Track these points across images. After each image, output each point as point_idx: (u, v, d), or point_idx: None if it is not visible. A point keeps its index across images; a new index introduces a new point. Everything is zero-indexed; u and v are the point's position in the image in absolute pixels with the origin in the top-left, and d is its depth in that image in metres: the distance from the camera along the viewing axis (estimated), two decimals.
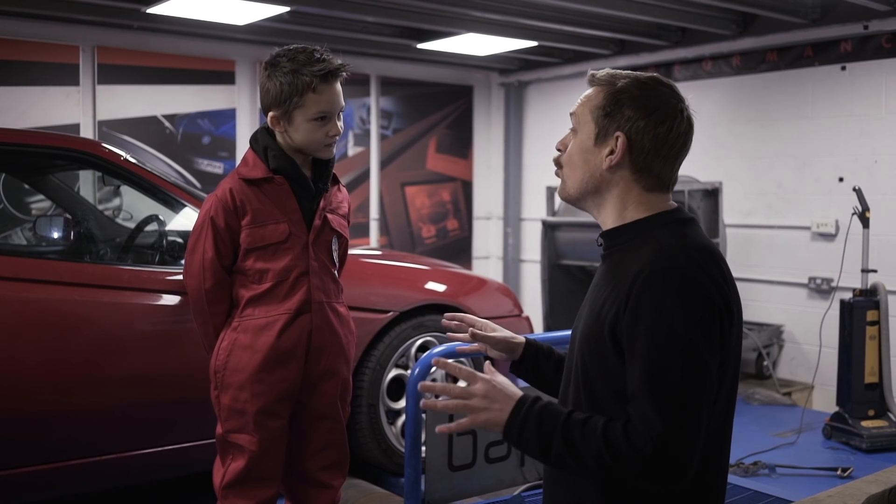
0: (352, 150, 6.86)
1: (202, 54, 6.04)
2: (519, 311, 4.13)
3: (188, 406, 3.08)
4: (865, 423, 4.46)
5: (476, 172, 7.67)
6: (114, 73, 5.70)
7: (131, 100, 5.78)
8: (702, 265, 1.53)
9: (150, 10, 5.08)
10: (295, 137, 2.45)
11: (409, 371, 3.52)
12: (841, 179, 5.40)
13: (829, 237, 5.45)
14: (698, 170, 5.71)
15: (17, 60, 5.36)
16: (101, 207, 4.93)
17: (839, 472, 4.01)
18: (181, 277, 2.85)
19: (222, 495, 2.51)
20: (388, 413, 3.61)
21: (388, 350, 3.55)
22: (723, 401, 1.59)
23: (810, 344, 5.43)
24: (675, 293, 1.49)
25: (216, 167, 6.14)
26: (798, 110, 5.64)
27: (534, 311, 5.45)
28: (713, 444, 1.59)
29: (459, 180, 7.54)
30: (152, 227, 3.36)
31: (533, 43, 6.25)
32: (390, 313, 3.55)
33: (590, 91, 1.69)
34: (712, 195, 5.48)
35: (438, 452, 3.23)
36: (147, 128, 5.85)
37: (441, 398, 1.61)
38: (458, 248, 7.54)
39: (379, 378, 3.53)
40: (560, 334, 3.32)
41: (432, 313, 3.68)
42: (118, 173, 3.24)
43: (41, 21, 5.39)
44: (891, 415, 4.55)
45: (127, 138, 5.74)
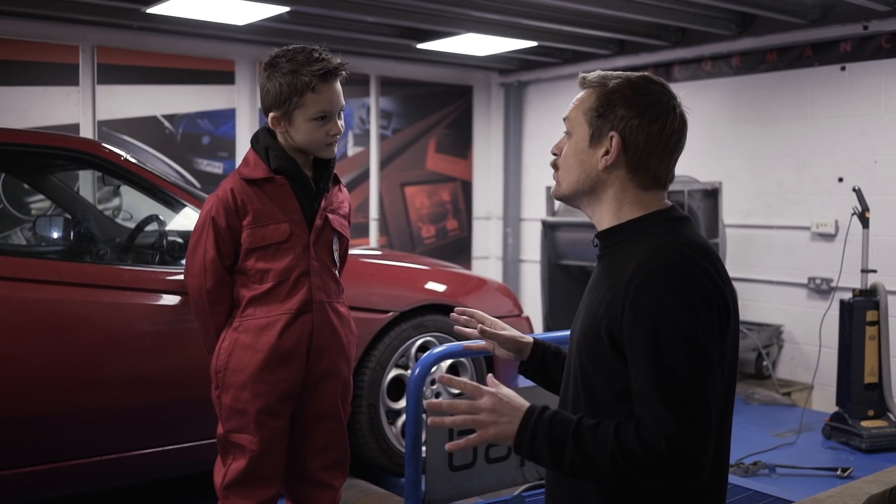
0: (351, 150, 6.86)
1: (202, 54, 6.04)
2: (519, 312, 4.13)
3: (188, 406, 3.08)
4: (865, 424, 4.46)
5: (476, 172, 7.67)
6: (113, 73, 5.70)
7: (131, 100, 5.78)
8: (697, 262, 1.54)
9: (150, 10, 5.08)
10: (296, 138, 2.45)
11: (410, 371, 3.52)
12: (840, 179, 5.41)
13: (829, 237, 5.45)
14: (698, 170, 5.72)
15: (17, 60, 5.36)
16: (101, 207, 4.92)
17: (839, 472, 4.01)
18: (181, 277, 2.86)
19: (223, 495, 2.51)
20: (388, 413, 3.61)
21: (389, 350, 3.55)
22: (721, 398, 1.59)
23: (810, 344, 5.44)
24: (673, 290, 1.50)
25: (216, 167, 6.14)
26: (798, 110, 5.64)
27: (534, 312, 5.45)
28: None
29: (459, 180, 7.54)
30: (152, 227, 3.36)
31: (532, 43, 6.25)
32: (390, 313, 3.55)
33: (582, 93, 1.70)
34: (712, 195, 5.49)
35: (439, 452, 3.24)
36: (147, 128, 5.85)
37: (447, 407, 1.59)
38: (458, 249, 7.53)
39: (379, 378, 3.53)
40: (560, 334, 3.32)
41: (432, 313, 3.69)
42: (118, 173, 3.24)
43: (41, 21, 5.39)
44: (890, 415, 4.55)
45: (126, 138, 5.74)
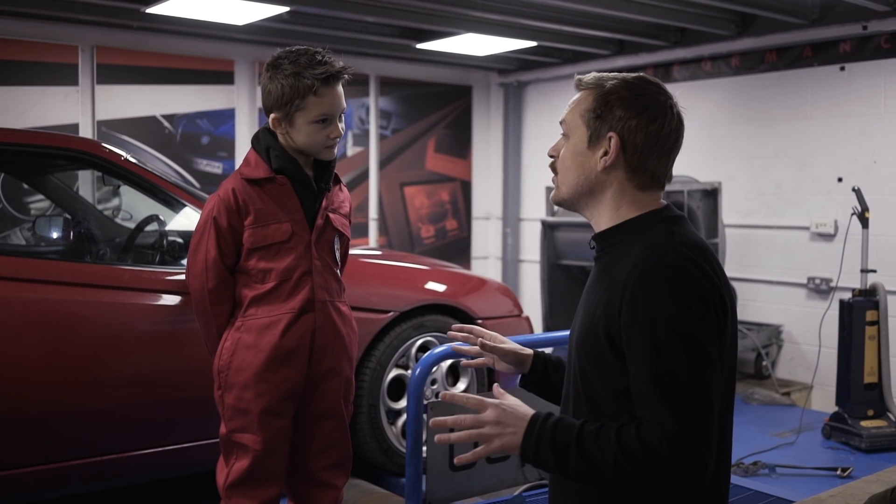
0: (351, 151, 6.85)
1: (201, 54, 6.04)
2: (519, 311, 4.13)
3: (189, 406, 3.08)
4: (865, 423, 4.46)
5: (475, 172, 7.67)
6: (113, 73, 5.70)
7: (130, 100, 5.78)
8: (693, 260, 1.54)
9: (150, 10, 5.08)
10: (296, 139, 2.45)
11: (410, 371, 3.52)
12: (840, 179, 5.41)
13: (829, 237, 5.45)
14: (698, 170, 5.72)
15: (17, 60, 5.35)
16: (101, 207, 4.92)
17: (839, 472, 4.01)
18: (181, 278, 2.85)
19: (226, 495, 2.51)
20: (389, 413, 3.61)
21: (389, 350, 3.55)
22: (721, 397, 1.59)
23: (809, 344, 5.44)
24: (670, 289, 1.50)
25: (215, 167, 6.14)
26: (797, 110, 5.64)
27: (533, 311, 5.45)
28: None
29: (458, 180, 7.54)
30: (152, 227, 3.36)
31: (532, 43, 6.25)
32: (390, 313, 3.55)
33: (578, 95, 1.70)
34: (711, 195, 5.49)
35: (439, 452, 3.23)
36: (146, 128, 5.84)
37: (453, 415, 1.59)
38: (457, 249, 7.53)
39: (379, 378, 3.53)
40: (560, 334, 3.32)
41: (432, 313, 3.69)
42: (118, 173, 3.24)
43: (41, 21, 5.39)
44: (890, 415, 4.56)
45: (126, 138, 5.74)
